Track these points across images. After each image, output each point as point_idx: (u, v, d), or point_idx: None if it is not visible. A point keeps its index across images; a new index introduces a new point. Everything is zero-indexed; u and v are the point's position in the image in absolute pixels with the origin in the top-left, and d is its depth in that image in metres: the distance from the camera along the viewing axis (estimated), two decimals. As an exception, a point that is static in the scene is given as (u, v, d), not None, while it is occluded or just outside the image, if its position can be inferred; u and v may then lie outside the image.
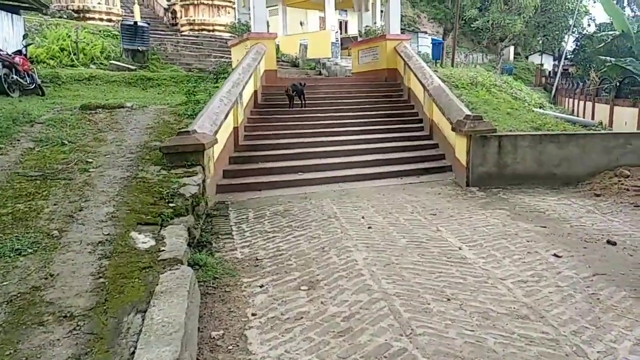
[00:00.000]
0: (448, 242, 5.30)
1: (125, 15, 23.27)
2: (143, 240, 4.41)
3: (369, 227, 5.74)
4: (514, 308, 3.84)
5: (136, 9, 24.40)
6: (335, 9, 24.81)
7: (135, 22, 16.68)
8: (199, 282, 4.16)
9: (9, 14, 11.40)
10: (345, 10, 29.51)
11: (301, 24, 29.64)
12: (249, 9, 13.47)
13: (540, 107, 18.15)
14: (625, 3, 45.99)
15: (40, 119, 7.68)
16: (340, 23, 30.30)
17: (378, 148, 9.95)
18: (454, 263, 4.73)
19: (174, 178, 5.87)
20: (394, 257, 4.84)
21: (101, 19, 21.27)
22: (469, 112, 8.57)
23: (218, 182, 7.83)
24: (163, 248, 4.28)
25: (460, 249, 5.12)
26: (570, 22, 42.79)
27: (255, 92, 11.80)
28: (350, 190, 7.78)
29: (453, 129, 8.43)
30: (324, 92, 13.37)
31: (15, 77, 10.35)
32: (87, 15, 21.12)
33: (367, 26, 16.13)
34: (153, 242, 4.40)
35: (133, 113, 8.40)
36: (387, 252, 4.99)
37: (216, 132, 7.29)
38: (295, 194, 7.57)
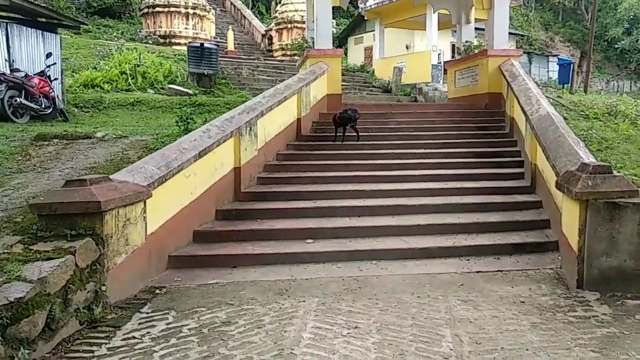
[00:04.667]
0: None
1: (218, 41, 22.47)
2: None
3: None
4: None
5: (230, 35, 23.64)
6: (440, 29, 21.61)
7: (202, 44, 15.29)
8: None
9: (38, 32, 10.24)
10: (459, 31, 26.11)
11: (407, 47, 26.71)
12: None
13: None
14: None
15: (-28, 152, 5.87)
16: (453, 45, 26.89)
17: (446, 205, 6.71)
18: None
19: (19, 263, 3.46)
20: None
21: (186, 44, 20.47)
22: (588, 159, 5.09)
23: (175, 253, 5.30)
24: None
25: None
26: None
27: (299, 120, 9.29)
28: (368, 281, 4.75)
29: (558, 186, 5.02)
30: (397, 121, 10.45)
31: (22, 100, 9.01)
32: (173, 40, 20.50)
33: (466, 41, 12.91)
34: None
35: (94, 146, 6.31)
36: None
37: (161, 179, 4.81)
38: (277, 280, 4.76)
